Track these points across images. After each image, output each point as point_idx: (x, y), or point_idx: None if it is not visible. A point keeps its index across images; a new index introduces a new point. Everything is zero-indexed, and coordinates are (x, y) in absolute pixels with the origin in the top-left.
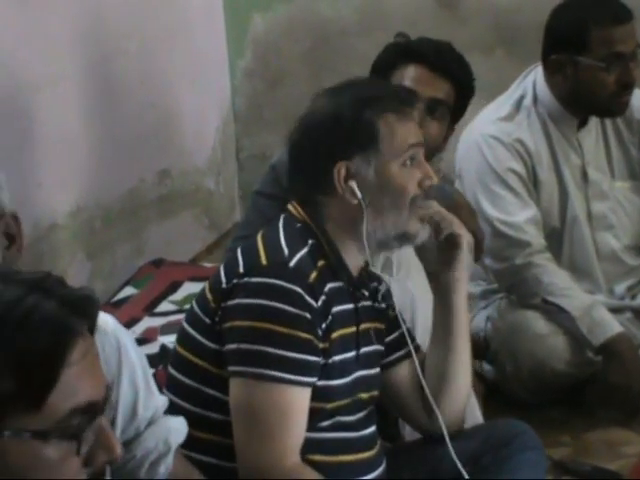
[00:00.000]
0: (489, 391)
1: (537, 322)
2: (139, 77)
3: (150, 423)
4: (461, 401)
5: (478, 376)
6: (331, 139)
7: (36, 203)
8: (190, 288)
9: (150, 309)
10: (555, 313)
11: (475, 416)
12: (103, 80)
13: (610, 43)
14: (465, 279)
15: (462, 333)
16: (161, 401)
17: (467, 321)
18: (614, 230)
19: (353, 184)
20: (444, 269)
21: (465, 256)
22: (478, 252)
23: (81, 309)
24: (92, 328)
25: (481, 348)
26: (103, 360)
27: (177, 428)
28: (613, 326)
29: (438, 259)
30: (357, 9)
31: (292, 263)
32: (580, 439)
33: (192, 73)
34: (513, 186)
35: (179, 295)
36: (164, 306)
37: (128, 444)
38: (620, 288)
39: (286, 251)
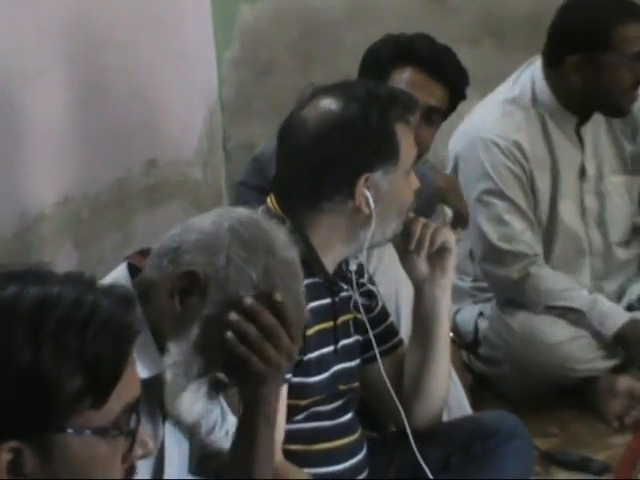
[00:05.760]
0: (477, 382)
1: (553, 329)
2: (126, 67)
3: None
4: (436, 405)
5: (465, 367)
6: (359, 149)
7: (23, 193)
8: None
9: None
10: (563, 315)
11: (463, 407)
12: (90, 70)
13: (633, 41)
14: (450, 285)
15: (443, 339)
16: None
17: (448, 327)
18: (606, 225)
19: (368, 194)
20: (436, 275)
21: (454, 258)
22: (463, 224)
23: (128, 306)
24: None
25: (470, 340)
26: None
27: None
28: (621, 314)
29: (429, 266)
30: (346, 0)
31: None
32: (568, 429)
33: (179, 63)
34: (508, 194)
35: None
36: None
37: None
38: (612, 286)
39: None
